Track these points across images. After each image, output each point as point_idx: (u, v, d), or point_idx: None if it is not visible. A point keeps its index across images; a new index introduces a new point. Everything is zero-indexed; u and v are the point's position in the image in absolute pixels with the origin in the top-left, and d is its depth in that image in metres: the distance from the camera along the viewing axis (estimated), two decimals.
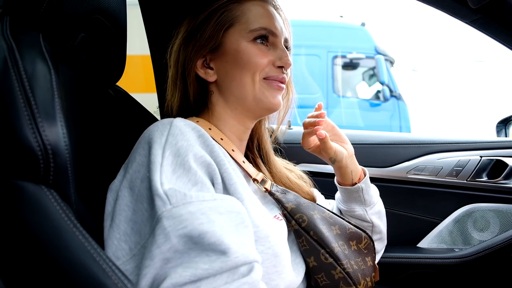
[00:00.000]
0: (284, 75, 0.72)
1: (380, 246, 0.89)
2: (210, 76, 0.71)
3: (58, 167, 0.44)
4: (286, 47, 0.74)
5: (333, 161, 0.81)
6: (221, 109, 0.72)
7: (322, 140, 0.77)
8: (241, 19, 0.69)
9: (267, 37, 0.70)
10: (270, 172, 0.82)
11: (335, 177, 0.88)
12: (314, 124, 0.79)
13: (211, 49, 0.70)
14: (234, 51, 0.68)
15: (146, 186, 0.51)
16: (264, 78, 0.69)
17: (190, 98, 0.73)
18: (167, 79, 0.76)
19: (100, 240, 0.52)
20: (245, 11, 0.70)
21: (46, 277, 0.41)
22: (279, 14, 0.74)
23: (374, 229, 0.87)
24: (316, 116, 0.81)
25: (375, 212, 0.86)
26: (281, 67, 0.70)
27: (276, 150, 0.90)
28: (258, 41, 0.69)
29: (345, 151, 0.81)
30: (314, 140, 0.83)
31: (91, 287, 0.41)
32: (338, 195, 0.91)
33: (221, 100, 0.72)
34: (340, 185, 0.86)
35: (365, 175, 0.85)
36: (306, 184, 0.87)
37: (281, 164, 0.86)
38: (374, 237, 0.87)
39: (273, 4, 0.74)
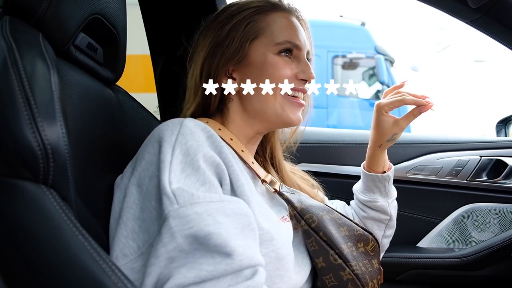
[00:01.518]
0: (306, 87, 0.72)
1: (388, 245, 0.92)
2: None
3: (57, 167, 0.44)
4: (308, 59, 0.74)
5: (393, 138, 0.84)
6: (237, 116, 0.71)
7: (418, 114, 0.81)
8: (266, 31, 0.69)
9: (291, 50, 0.70)
10: (282, 177, 0.81)
11: (363, 164, 0.90)
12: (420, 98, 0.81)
13: (237, 61, 0.69)
14: (259, 64, 0.68)
15: (154, 184, 0.51)
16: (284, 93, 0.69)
17: (209, 107, 0.72)
18: (185, 89, 0.75)
19: (100, 240, 0.52)
20: (270, 23, 0.69)
21: (46, 277, 0.41)
22: (301, 25, 0.74)
23: (390, 223, 0.88)
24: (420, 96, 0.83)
25: (394, 206, 0.89)
26: (304, 80, 0.70)
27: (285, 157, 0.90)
28: (283, 54, 0.69)
29: None
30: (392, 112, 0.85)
31: (91, 287, 0.41)
32: (358, 185, 0.93)
33: (239, 109, 0.71)
34: (370, 172, 0.87)
35: (390, 168, 0.89)
36: (318, 193, 0.87)
37: (291, 169, 0.86)
38: (388, 232, 0.90)
39: (296, 15, 0.74)
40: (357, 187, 0.93)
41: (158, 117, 1.09)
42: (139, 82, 3.25)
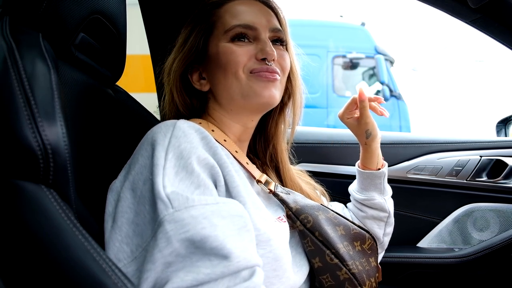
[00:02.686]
0: (271, 66, 0.67)
1: (387, 244, 0.93)
2: (204, 86, 0.71)
3: (57, 166, 0.44)
4: (279, 38, 0.71)
5: (369, 134, 0.86)
6: (218, 113, 0.72)
7: (361, 105, 0.85)
8: (218, 24, 0.69)
9: (245, 33, 0.68)
10: (285, 181, 0.81)
11: (357, 163, 0.92)
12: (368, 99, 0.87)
13: (192, 59, 0.70)
14: (215, 56, 0.68)
15: (148, 188, 0.50)
16: (250, 73, 0.67)
17: (186, 108, 0.73)
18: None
19: (100, 240, 0.52)
20: (222, 15, 0.69)
21: (46, 277, 0.41)
22: (268, 6, 0.72)
23: (389, 220, 0.89)
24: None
25: (390, 203, 0.90)
26: (263, 59, 0.67)
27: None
28: (237, 39, 0.67)
29: (379, 131, 0.88)
30: (355, 112, 0.90)
31: (91, 287, 0.41)
32: (354, 185, 0.93)
33: (216, 105, 0.72)
34: (365, 169, 0.89)
35: (383, 165, 0.90)
36: (322, 198, 0.87)
37: (297, 174, 0.85)
38: (388, 230, 0.90)
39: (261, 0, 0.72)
40: (353, 188, 0.93)
41: (158, 117, 1.09)
42: (139, 82, 3.25)
